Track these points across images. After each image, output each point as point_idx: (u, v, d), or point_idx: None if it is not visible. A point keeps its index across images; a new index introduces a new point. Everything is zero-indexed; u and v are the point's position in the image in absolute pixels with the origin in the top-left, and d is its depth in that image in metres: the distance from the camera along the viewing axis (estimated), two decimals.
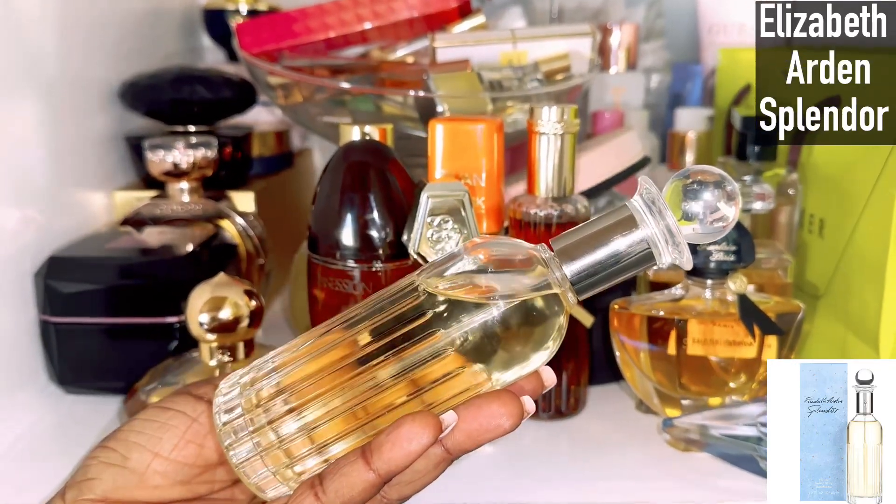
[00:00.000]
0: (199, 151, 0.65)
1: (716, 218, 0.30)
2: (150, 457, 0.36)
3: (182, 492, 0.37)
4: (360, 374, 0.32)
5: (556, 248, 0.32)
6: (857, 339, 0.53)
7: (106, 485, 0.36)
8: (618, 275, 0.31)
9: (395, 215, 0.51)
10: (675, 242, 0.30)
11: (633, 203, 0.31)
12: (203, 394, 0.38)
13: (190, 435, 0.36)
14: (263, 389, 0.34)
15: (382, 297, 0.33)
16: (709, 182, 0.30)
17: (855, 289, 0.53)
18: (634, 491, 0.46)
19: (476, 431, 0.31)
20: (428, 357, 0.31)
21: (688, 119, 0.74)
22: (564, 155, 0.50)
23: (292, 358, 0.34)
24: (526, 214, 0.51)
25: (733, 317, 0.49)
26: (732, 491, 0.46)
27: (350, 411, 0.32)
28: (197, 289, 0.50)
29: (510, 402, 0.31)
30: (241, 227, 0.67)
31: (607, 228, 0.31)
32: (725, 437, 0.47)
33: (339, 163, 0.52)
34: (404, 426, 0.30)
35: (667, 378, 0.50)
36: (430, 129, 0.51)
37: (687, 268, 0.32)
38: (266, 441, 0.33)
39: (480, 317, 0.30)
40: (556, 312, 0.31)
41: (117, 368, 0.56)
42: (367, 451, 0.31)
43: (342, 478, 0.31)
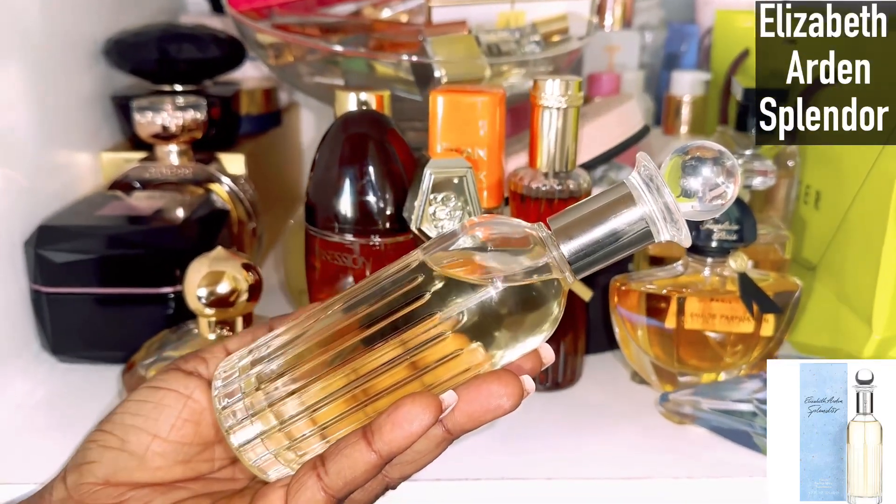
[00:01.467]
0: (189, 113, 0.63)
1: (715, 195, 0.30)
2: (148, 439, 0.36)
3: (184, 471, 0.37)
4: (360, 356, 0.32)
5: (554, 227, 0.31)
6: (851, 313, 0.53)
7: (106, 468, 0.36)
8: (616, 253, 0.31)
9: (395, 188, 0.50)
10: (674, 220, 0.30)
11: (631, 180, 0.31)
12: (192, 369, 0.38)
13: (186, 413, 0.36)
14: (263, 371, 0.34)
15: (381, 276, 0.33)
16: (708, 158, 0.30)
17: (850, 263, 0.54)
18: (630, 465, 0.47)
19: (476, 412, 0.32)
20: (427, 338, 0.31)
21: (684, 83, 0.73)
22: (567, 129, 0.50)
23: (292, 339, 0.34)
24: (527, 189, 0.51)
25: (732, 294, 0.49)
26: (727, 464, 0.47)
27: (350, 393, 0.32)
28: (194, 263, 0.49)
29: (510, 381, 0.31)
30: (232, 190, 0.66)
31: (605, 207, 0.31)
32: (721, 412, 0.48)
33: (338, 134, 0.51)
34: (405, 407, 0.31)
35: (664, 353, 0.51)
36: (431, 101, 0.50)
37: (685, 245, 0.31)
38: (266, 423, 0.33)
39: (479, 297, 0.30)
40: (555, 291, 0.31)
41: (111, 338, 0.56)
42: (369, 432, 0.31)
43: (344, 459, 0.31)
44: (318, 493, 0.32)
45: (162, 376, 0.38)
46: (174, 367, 0.38)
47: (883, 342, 0.51)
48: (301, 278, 0.62)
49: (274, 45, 0.67)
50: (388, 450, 0.31)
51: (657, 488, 0.46)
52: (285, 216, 0.79)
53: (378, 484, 0.35)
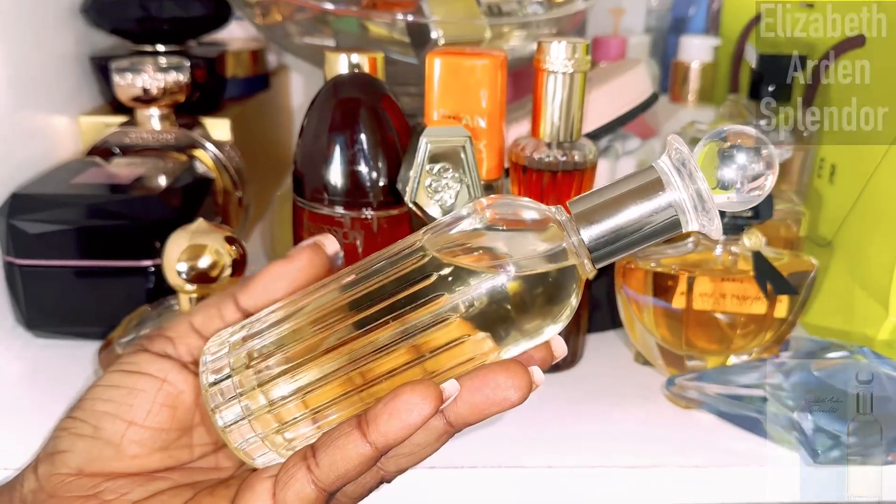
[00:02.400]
0: (171, 75, 0.60)
1: (754, 186, 0.27)
2: (123, 426, 0.34)
3: (162, 459, 0.34)
4: (358, 337, 0.29)
5: (574, 211, 0.29)
6: (865, 294, 0.51)
7: (80, 458, 0.33)
8: (640, 242, 0.29)
9: (389, 158, 0.47)
10: (706, 209, 0.28)
11: (661, 164, 0.28)
12: (160, 350, 0.35)
13: (161, 398, 0.34)
14: (254, 349, 0.31)
15: (384, 255, 0.30)
16: (749, 147, 0.27)
17: (866, 241, 0.51)
18: (635, 452, 0.44)
19: (481, 404, 0.29)
20: (431, 322, 0.28)
21: (693, 48, 0.70)
22: (573, 95, 0.47)
23: (286, 316, 0.31)
24: (529, 160, 0.48)
25: (744, 273, 0.47)
26: (736, 453, 0.45)
27: (346, 376, 0.30)
28: (174, 235, 0.46)
29: (518, 373, 0.29)
30: (216, 157, 0.63)
31: (631, 192, 0.28)
32: (729, 397, 0.46)
33: (328, 98, 0.48)
34: (403, 396, 0.28)
35: (672, 334, 0.48)
36: (428, 64, 0.47)
37: (716, 238, 0.29)
38: (255, 404, 0.31)
39: (489, 282, 0.28)
40: (572, 280, 0.29)
41: (89, 313, 0.53)
42: (364, 422, 0.29)
43: (336, 450, 0.29)
44: (308, 487, 0.29)
45: (131, 359, 0.35)
46: (141, 348, 0.35)
47: None
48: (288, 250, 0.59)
49: (261, 3, 0.63)
50: (384, 442, 0.28)
51: (664, 477, 0.43)
52: (274, 185, 0.76)
53: (372, 477, 0.32)
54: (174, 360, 0.35)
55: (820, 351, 0.47)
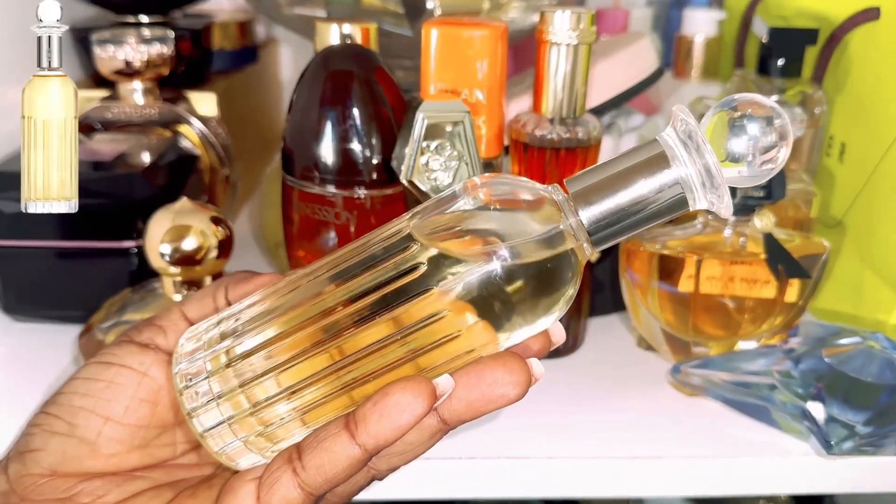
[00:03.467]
0: (154, 47, 0.57)
1: (766, 159, 0.25)
2: (100, 422, 0.32)
3: (141, 457, 0.33)
4: (345, 333, 0.27)
5: (572, 189, 0.27)
6: (876, 278, 0.49)
7: (53, 456, 0.31)
8: (644, 222, 0.27)
9: (383, 134, 0.45)
10: (714, 185, 0.25)
11: (665, 137, 0.26)
12: (147, 340, 0.33)
13: (141, 393, 0.32)
14: (234, 346, 0.29)
15: (371, 241, 0.28)
16: (759, 116, 0.25)
17: (878, 223, 0.49)
18: (638, 442, 0.43)
19: (477, 401, 0.27)
20: (422, 316, 0.26)
21: (696, 21, 0.67)
22: (578, 69, 0.44)
23: (268, 310, 0.29)
24: (531, 136, 0.46)
25: (754, 256, 0.45)
26: (742, 443, 0.43)
27: (335, 374, 0.28)
28: (156, 216, 0.44)
29: (516, 367, 0.27)
30: (202, 133, 0.60)
31: (633, 167, 0.26)
32: (737, 385, 0.44)
33: (318, 71, 0.45)
34: (394, 394, 0.26)
35: (678, 320, 0.46)
36: (424, 35, 0.44)
37: (725, 216, 0.27)
38: (236, 407, 0.29)
39: (480, 270, 0.26)
40: (570, 265, 0.27)
41: (70, 296, 0.51)
42: (352, 423, 0.27)
43: (324, 452, 0.27)
44: (294, 490, 0.28)
45: (113, 350, 0.33)
46: (126, 338, 0.34)
47: None
48: (278, 231, 0.57)
49: None
50: (374, 443, 0.27)
51: (668, 469, 0.42)
52: (262, 163, 0.73)
53: (363, 476, 0.30)
54: (161, 350, 0.33)
55: (830, 337, 0.45)
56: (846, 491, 0.42)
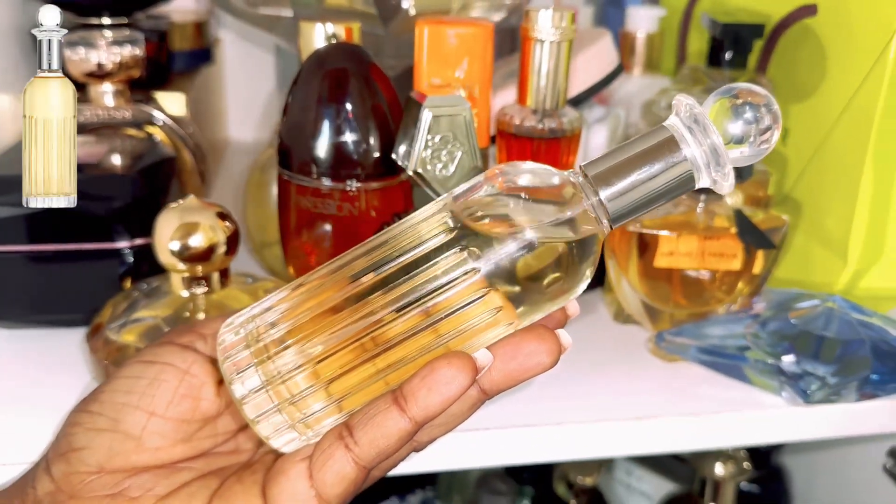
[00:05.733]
0: (126, 49, 0.57)
1: (764, 139, 0.29)
2: (144, 417, 0.33)
3: (185, 450, 0.34)
4: (385, 321, 0.29)
5: (590, 173, 0.30)
6: (823, 249, 0.54)
7: (100, 453, 0.32)
8: (656, 200, 0.30)
9: (380, 128, 0.47)
10: (720, 164, 0.29)
11: (672, 123, 0.30)
12: (188, 342, 0.35)
13: (184, 389, 0.33)
14: (277, 337, 0.30)
15: (405, 231, 0.30)
16: (759, 104, 0.29)
17: (821, 198, 0.55)
18: (623, 406, 0.46)
19: (515, 371, 0.30)
20: (461, 300, 0.29)
21: (639, 18, 0.72)
22: (560, 64, 0.48)
23: (304, 301, 0.31)
24: (518, 127, 0.49)
25: (722, 230, 0.49)
26: (720, 400, 0.47)
27: (370, 362, 0.30)
28: (164, 214, 0.45)
29: (549, 338, 0.30)
30: (176, 133, 0.60)
31: (646, 151, 0.29)
32: (714, 348, 0.48)
33: (315, 69, 0.47)
34: (441, 369, 0.29)
35: (657, 293, 0.50)
36: (417, 33, 0.47)
37: (726, 192, 0.31)
38: (281, 395, 0.30)
39: (513, 251, 0.28)
40: (592, 241, 0.30)
41: (60, 300, 0.50)
42: (401, 398, 0.29)
43: (376, 427, 0.29)
44: (348, 465, 0.29)
45: (154, 350, 0.34)
46: (167, 340, 0.35)
47: (856, 273, 0.53)
48: (263, 231, 0.58)
49: None
50: (424, 415, 0.29)
51: (657, 427, 0.46)
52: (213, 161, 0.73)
53: (405, 449, 0.33)
54: (200, 353, 0.34)
55: (791, 301, 0.50)
56: (815, 437, 0.47)
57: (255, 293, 0.47)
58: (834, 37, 0.53)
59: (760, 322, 0.49)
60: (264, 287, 0.48)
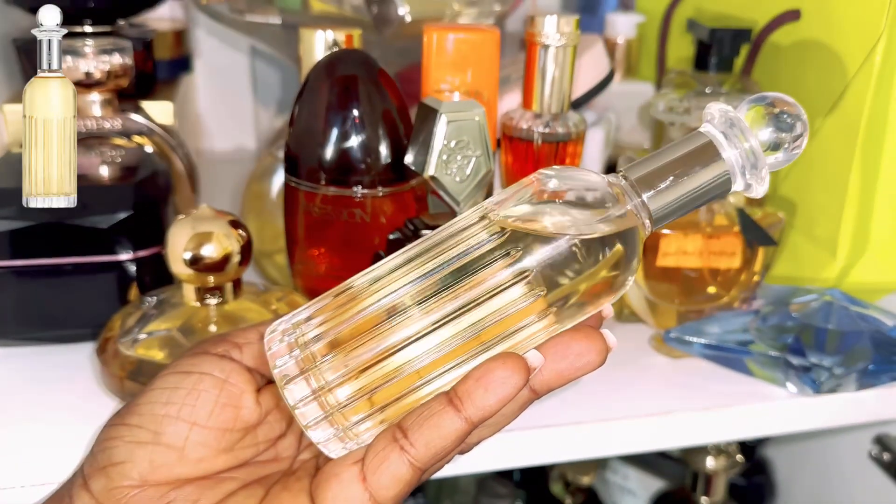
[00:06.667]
0: (115, 57, 0.56)
1: (796, 145, 0.31)
2: (186, 428, 0.32)
3: (227, 460, 0.33)
4: (435, 328, 0.30)
5: (633, 176, 0.31)
6: (811, 244, 0.56)
7: (142, 467, 0.32)
8: (695, 202, 0.31)
9: (390, 133, 0.47)
10: (758, 168, 0.30)
11: (708, 128, 0.31)
12: (223, 352, 0.34)
13: (224, 398, 0.33)
14: (323, 343, 0.30)
15: (449, 237, 0.31)
16: (792, 112, 0.30)
17: (809, 195, 0.57)
18: (631, 403, 0.47)
19: (566, 370, 0.31)
20: (510, 301, 0.29)
21: (618, 25, 0.73)
22: (565, 68, 0.49)
23: (348, 308, 0.31)
24: (525, 132, 0.49)
25: (723, 229, 0.51)
26: (729, 394, 0.49)
27: (416, 373, 0.30)
28: (177, 224, 0.44)
29: (596, 337, 0.31)
30: (168, 142, 0.59)
31: (685, 155, 0.31)
32: (720, 343, 0.50)
33: (323, 77, 0.47)
34: (496, 370, 0.29)
35: (664, 290, 0.51)
36: (427, 39, 0.47)
37: (759, 195, 0.32)
38: (330, 403, 0.30)
39: (562, 252, 0.29)
40: (636, 240, 0.31)
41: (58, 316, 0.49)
42: (455, 398, 0.29)
43: (433, 428, 0.29)
44: (404, 467, 0.29)
45: (189, 360, 0.34)
46: (201, 350, 0.34)
47: (844, 268, 0.55)
48: (262, 241, 0.58)
49: None
50: (481, 415, 0.29)
51: (679, 423, 0.47)
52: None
53: (455, 451, 0.33)
54: (237, 362, 0.34)
55: (789, 296, 0.52)
56: (820, 427, 0.49)
57: (268, 303, 0.47)
58: (818, 39, 0.56)
59: (761, 317, 0.51)
60: (276, 296, 0.48)
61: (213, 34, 0.83)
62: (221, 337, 0.35)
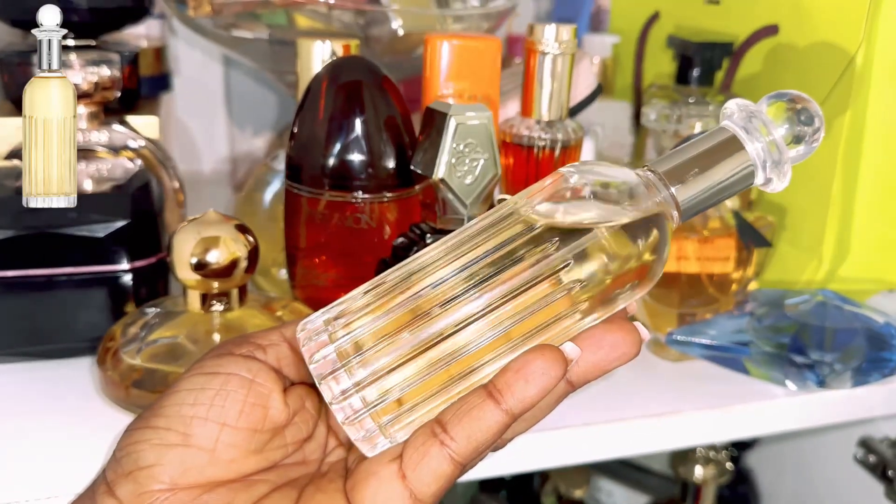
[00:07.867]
0: (103, 69, 0.55)
1: (815, 139, 0.32)
2: (216, 429, 0.31)
3: (258, 462, 0.32)
4: (472, 321, 0.29)
5: (660, 169, 0.31)
6: (796, 248, 0.58)
7: (172, 470, 0.30)
8: (719, 195, 0.32)
9: (395, 139, 0.47)
10: (782, 161, 0.31)
11: (730, 123, 0.32)
12: (248, 352, 0.33)
13: (252, 398, 0.32)
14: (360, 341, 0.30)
15: (478, 233, 0.31)
16: (810, 107, 0.31)
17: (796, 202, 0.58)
18: (631, 406, 0.47)
19: (602, 361, 0.31)
20: (548, 293, 0.30)
21: (594, 45, 0.75)
22: (563, 76, 0.49)
23: (383, 304, 0.31)
24: (525, 138, 0.50)
25: (718, 232, 0.52)
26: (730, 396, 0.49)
27: (455, 365, 0.30)
28: (182, 230, 0.43)
29: (631, 329, 0.31)
30: (156, 156, 0.58)
31: (711, 149, 0.31)
32: (719, 344, 0.51)
33: (328, 83, 0.47)
34: (535, 361, 0.29)
35: (664, 294, 0.52)
36: (431, 47, 0.48)
37: (781, 188, 0.32)
38: (367, 400, 0.30)
39: (597, 243, 0.29)
40: (666, 233, 0.31)
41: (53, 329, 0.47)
42: (494, 391, 0.29)
43: (473, 421, 0.29)
44: (445, 462, 0.29)
45: (214, 361, 0.33)
46: (225, 351, 0.33)
47: (829, 271, 0.56)
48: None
49: None
50: (521, 407, 0.29)
51: (686, 422, 0.47)
52: None
53: (492, 446, 0.32)
54: (262, 362, 0.33)
55: (780, 298, 0.53)
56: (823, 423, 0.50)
57: (272, 311, 0.46)
58: (797, 52, 0.58)
59: (756, 318, 0.52)
60: (280, 304, 0.47)
61: (186, 43, 0.82)
62: (243, 338, 0.34)
